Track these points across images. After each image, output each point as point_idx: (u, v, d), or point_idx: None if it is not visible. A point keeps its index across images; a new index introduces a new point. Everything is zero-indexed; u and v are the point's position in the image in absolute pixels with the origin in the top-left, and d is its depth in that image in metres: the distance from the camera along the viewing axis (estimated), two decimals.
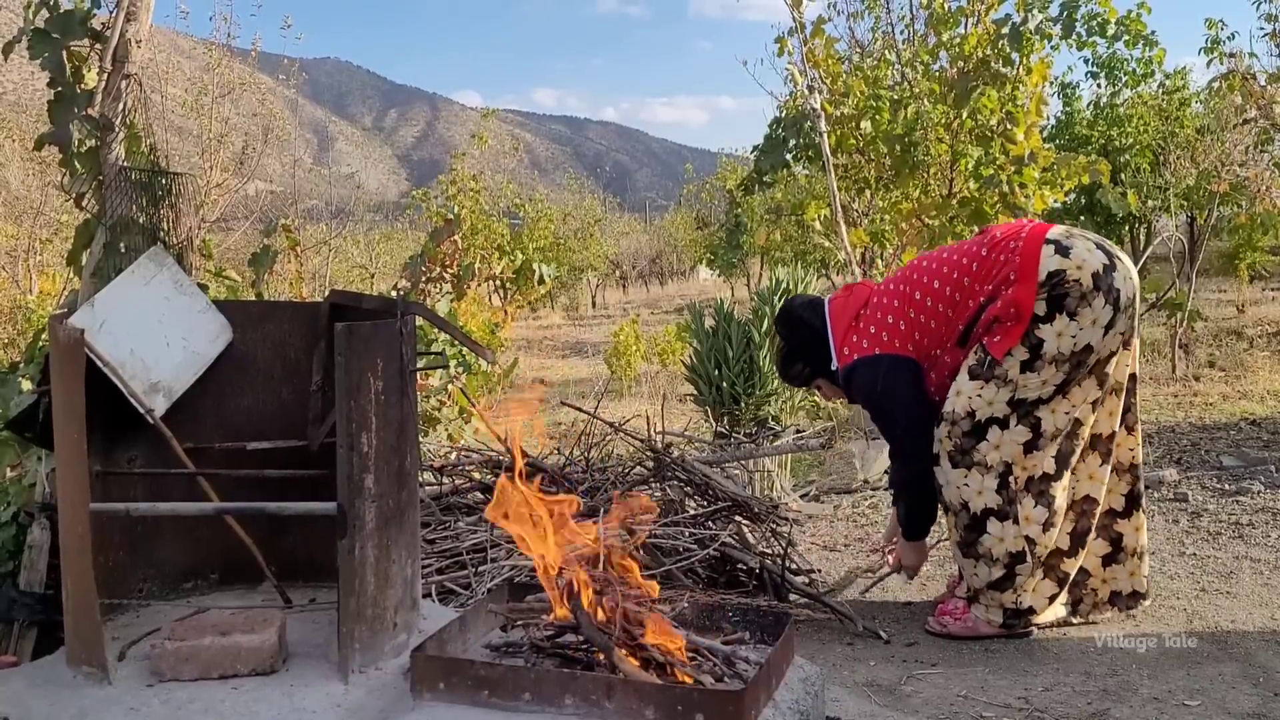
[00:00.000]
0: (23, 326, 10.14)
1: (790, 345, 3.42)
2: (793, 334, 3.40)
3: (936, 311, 3.10)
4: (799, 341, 3.38)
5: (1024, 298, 2.93)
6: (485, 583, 2.90)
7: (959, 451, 3.04)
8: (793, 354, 3.42)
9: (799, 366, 3.41)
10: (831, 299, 3.37)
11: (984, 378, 2.99)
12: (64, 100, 2.55)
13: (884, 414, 3.23)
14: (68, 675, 1.97)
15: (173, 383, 2.34)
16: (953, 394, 3.06)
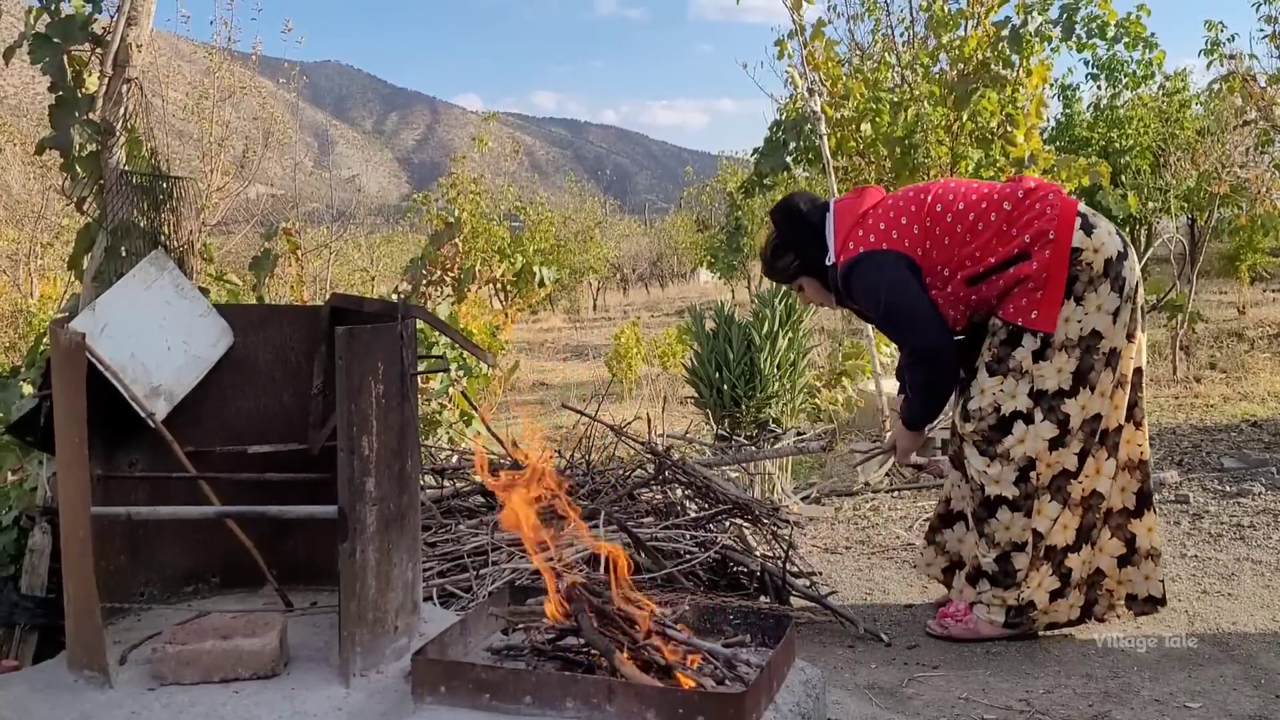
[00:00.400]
0: (24, 330, 10.15)
1: (783, 236, 3.22)
2: (789, 225, 3.21)
3: (954, 231, 3.00)
4: (793, 234, 3.19)
5: (1056, 271, 2.90)
6: (486, 586, 2.91)
7: (985, 441, 3.04)
8: (784, 246, 3.22)
9: (789, 259, 3.21)
10: (838, 200, 3.23)
11: (1002, 372, 2.98)
12: (65, 105, 2.55)
13: (894, 311, 3.06)
14: (69, 679, 1.97)
15: (174, 386, 2.34)
16: (975, 392, 3.04)
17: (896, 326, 3.13)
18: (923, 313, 3.02)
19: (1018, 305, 2.95)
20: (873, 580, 3.80)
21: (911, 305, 3.01)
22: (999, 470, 3.02)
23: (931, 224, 3.01)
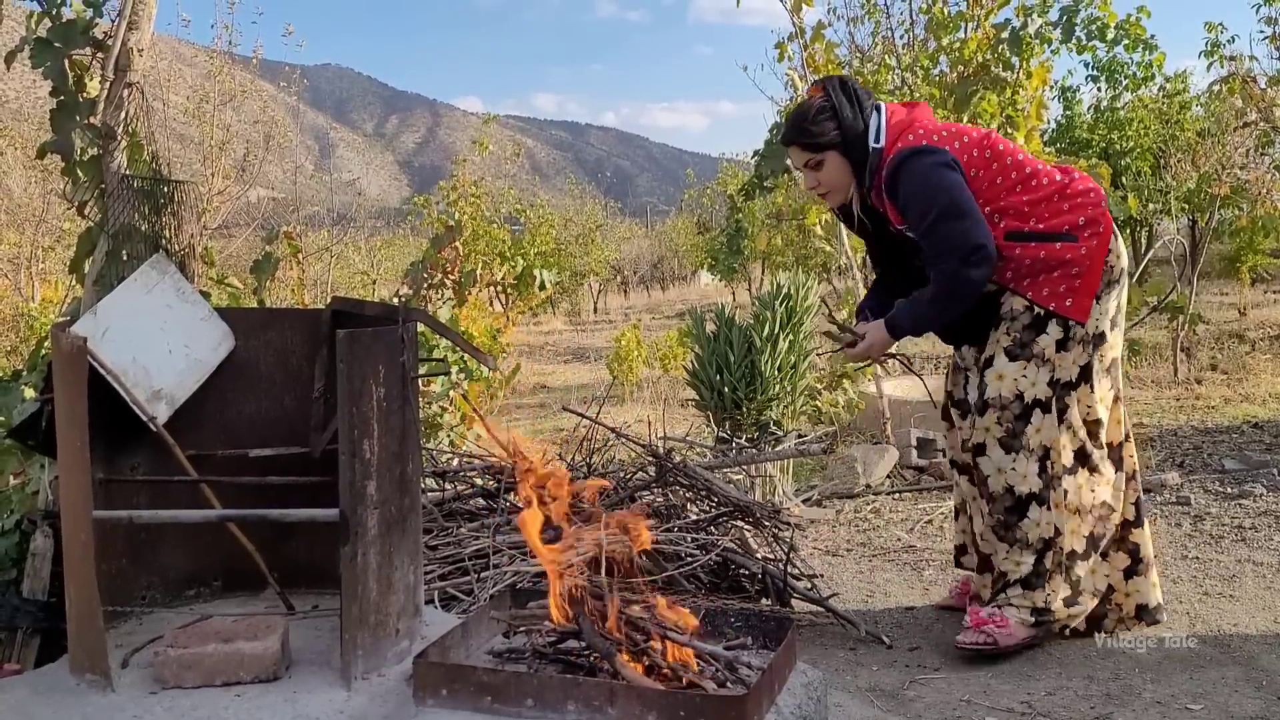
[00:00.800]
0: (25, 334, 10.16)
1: (833, 103, 2.94)
2: (842, 95, 2.96)
3: (1009, 174, 2.91)
4: (844, 104, 2.94)
5: (1097, 262, 2.85)
6: (488, 589, 2.91)
7: (1010, 436, 2.93)
8: (829, 111, 2.94)
9: (829, 126, 2.93)
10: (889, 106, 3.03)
11: (1025, 358, 2.89)
12: (66, 109, 2.56)
13: (950, 208, 2.82)
14: (71, 683, 1.97)
15: (175, 390, 2.35)
16: (991, 379, 2.94)
17: (953, 224, 2.81)
18: (977, 214, 2.83)
19: (1053, 289, 2.87)
20: (874, 582, 3.80)
21: (968, 202, 2.82)
22: (1025, 464, 2.92)
23: (990, 156, 2.91)
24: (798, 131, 2.99)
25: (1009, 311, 2.94)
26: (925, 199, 2.83)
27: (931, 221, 2.83)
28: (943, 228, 2.83)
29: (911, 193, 2.85)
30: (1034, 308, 2.89)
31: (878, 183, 2.93)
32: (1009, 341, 2.93)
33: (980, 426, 2.97)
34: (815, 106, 2.97)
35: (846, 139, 2.93)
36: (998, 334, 2.95)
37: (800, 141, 3.00)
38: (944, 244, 2.83)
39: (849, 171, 2.98)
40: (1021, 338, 2.91)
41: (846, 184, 3.01)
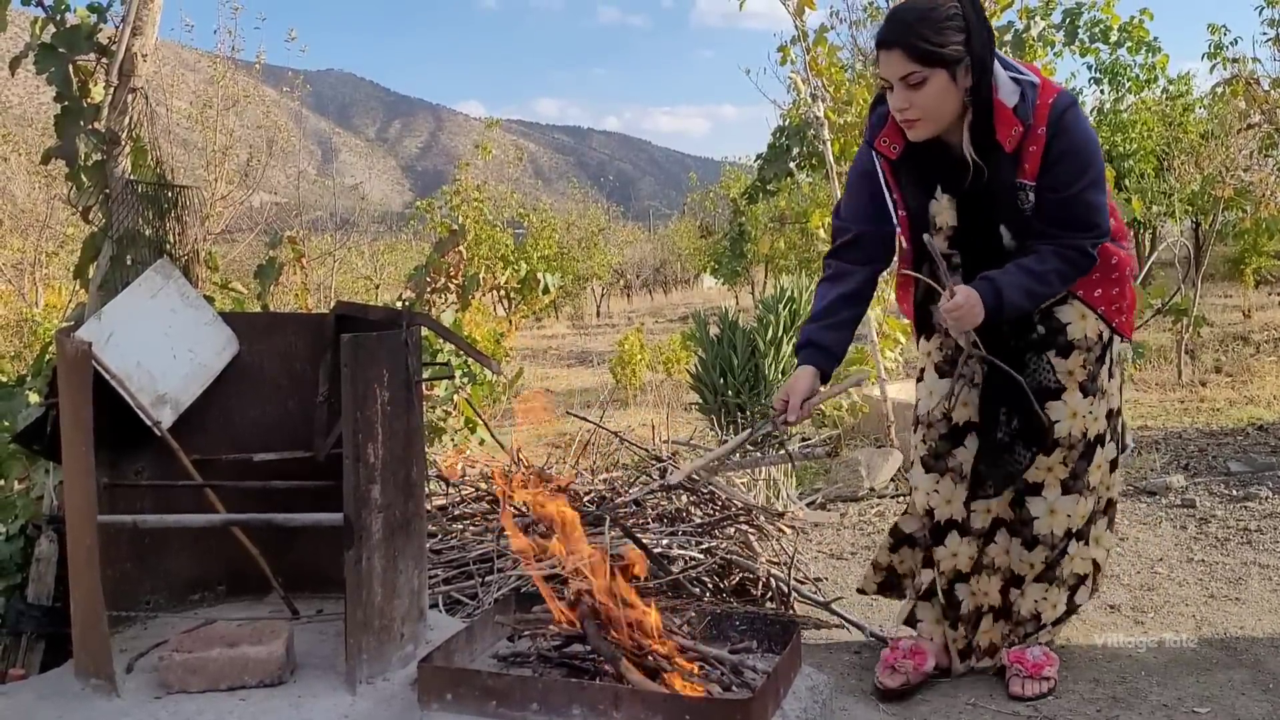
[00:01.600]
0: (29, 340, 10.17)
1: (966, 14, 2.30)
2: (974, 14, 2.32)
3: None
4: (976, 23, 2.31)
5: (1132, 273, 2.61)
6: (492, 593, 2.91)
7: (1072, 477, 2.61)
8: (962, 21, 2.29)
9: (959, 39, 2.28)
10: None
11: (1094, 393, 2.57)
12: (70, 114, 2.56)
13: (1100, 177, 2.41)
14: (76, 687, 1.97)
15: (180, 395, 2.35)
16: (1064, 416, 2.56)
17: (1099, 195, 2.41)
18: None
19: (1121, 304, 2.56)
20: None
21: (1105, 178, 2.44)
22: (1084, 506, 2.63)
23: None
24: (908, 31, 2.29)
25: (1083, 340, 2.55)
26: (1088, 156, 2.37)
27: (1085, 185, 2.36)
28: (1091, 195, 2.38)
29: (1078, 144, 2.35)
30: (1104, 332, 2.57)
31: (1034, 127, 2.33)
32: (1084, 375, 2.55)
33: (1042, 466, 2.60)
34: (945, 8, 2.29)
35: (974, 59, 2.29)
36: (1070, 364, 2.55)
37: (910, 44, 2.28)
38: (1085, 215, 2.38)
39: (956, 101, 2.33)
40: (1094, 370, 2.57)
41: (946, 116, 2.35)
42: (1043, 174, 2.37)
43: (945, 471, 2.69)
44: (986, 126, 2.35)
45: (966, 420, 2.67)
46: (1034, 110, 2.33)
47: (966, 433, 2.67)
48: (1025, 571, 2.69)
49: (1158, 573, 3.74)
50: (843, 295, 2.64)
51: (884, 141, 2.48)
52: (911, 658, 2.70)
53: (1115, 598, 3.48)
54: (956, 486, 2.68)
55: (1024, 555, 2.68)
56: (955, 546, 2.72)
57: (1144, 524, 4.41)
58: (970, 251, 2.52)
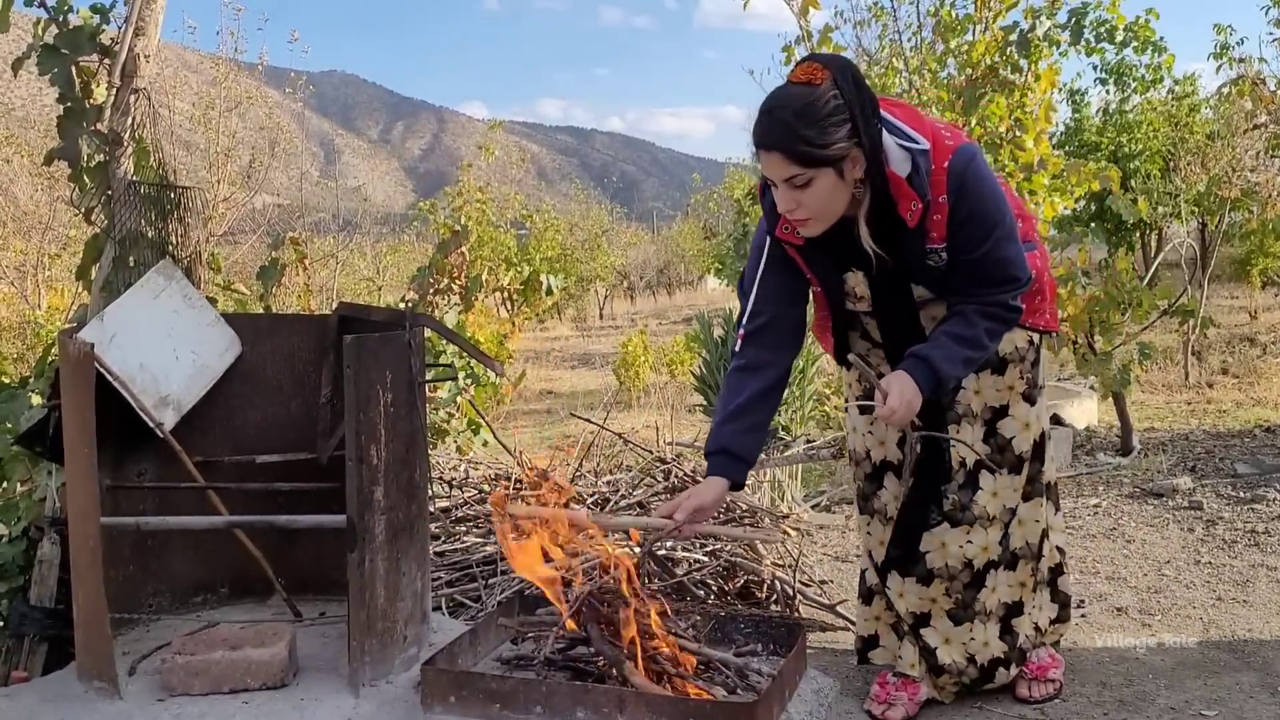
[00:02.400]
0: (31, 341, 10.18)
1: (847, 99, 2.07)
2: (853, 90, 2.09)
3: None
4: (860, 103, 2.09)
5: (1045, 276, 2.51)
6: (495, 595, 2.89)
7: (1029, 481, 2.53)
8: (844, 112, 2.06)
9: (844, 132, 2.06)
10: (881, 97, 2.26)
11: (1034, 398, 2.50)
12: (73, 115, 2.56)
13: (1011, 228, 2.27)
14: (78, 690, 1.97)
15: (182, 396, 2.34)
16: (1018, 431, 2.47)
17: (1011, 244, 2.27)
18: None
19: (1040, 306, 2.48)
20: None
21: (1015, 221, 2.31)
22: (1049, 507, 2.60)
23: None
24: (787, 133, 2.07)
25: (1014, 352, 2.47)
26: (995, 213, 2.23)
27: (994, 241, 2.23)
28: (1003, 250, 2.25)
29: (983, 204, 2.21)
30: (1031, 338, 2.50)
31: (935, 194, 2.19)
32: (1024, 385, 2.48)
33: (1012, 487, 2.49)
34: (825, 100, 2.06)
35: (866, 144, 2.10)
36: (1007, 379, 2.47)
37: (789, 149, 2.08)
38: (1000, 271, 2.27)
39: (846, 194, 2.15)
40: (1031, 376, 2.50)
41: (837, 211, 2.18)
42: (951, 238, 2.24)
43: (873, 514, 2.59)
44: (887, 203, 2.19)
45: (883, 459, 2.56)
46: (930, 180, 2.17)
47: (885, 472, 2.56)
48: (1019, 595, 2.56)
49: (1165, 575, 3.73)
50: (758, 392, 2.37)
51: (785, 229, 2.30)
52: (904, 690, 2.57)
53: (1122, 600, 3.46)
54: (885, 528, 2.56)
55: (1010, 578, 2.54)
56: (899, 587, 2.54)
57: (1151, 526, 4.39)
58: (885, 312, 2.42)
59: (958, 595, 2.51)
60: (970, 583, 2.50)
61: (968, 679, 2.56)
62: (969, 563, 2.49)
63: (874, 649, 2.69)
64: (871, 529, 2.59)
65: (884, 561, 2.54)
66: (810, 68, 2.10)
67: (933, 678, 2.56)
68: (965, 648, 2.54)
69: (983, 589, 2.51)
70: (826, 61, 2.12)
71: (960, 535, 2.48)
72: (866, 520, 2.61)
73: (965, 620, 2.52)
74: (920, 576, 2.50)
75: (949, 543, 2.48)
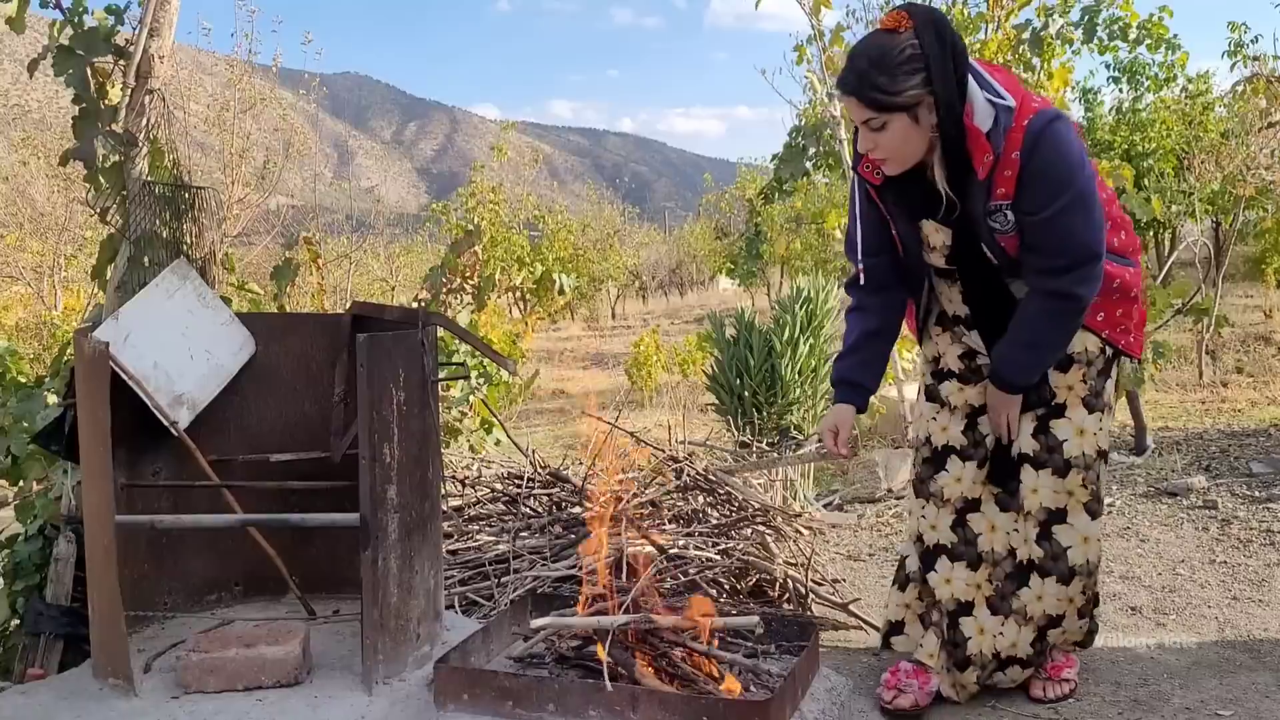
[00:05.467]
0: (48, 342, 10.25)
1: (925, 49, 2.15)
2: (934, 43, 2.16)
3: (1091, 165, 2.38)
4: (937, 54, 2.15)
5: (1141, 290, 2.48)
6: (508, 594, 2.90)
7: (1095, 499, 2.48)
8: (919, 61, 2.15)
9: (916, 81, 2.15)
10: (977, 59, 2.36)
11: (1100, 408, 2.46)
12: (88, 116, 2.57)
13: (1089, 195, 2.24)
14: (94, 687, 1.98)
15: (197, 395, 2.35)
16: (1071, 434, 2.45)
17: (1077, 218, 2.24)
18: (1102, 212, 2.28)
19: (1126, 324, 2.45)
20: None
21: (1096, 196, 2.26)
22: (1102, 525, 2.53)
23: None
24: (862, 80, 2.18)
25: (1082, 353, 2.44)
26: (1065, 176, 2.21)
27: (1062, 206, 2.22)
28: (1070, 217, 2.23)
29: (1054, 163, 2.21)
30: (1106, 348, 2.46)
31: (1008, 151, 2.22)
32: (1085, 390, 2.45)
33: (1060, 490, 2.47)
34: (901, 49, 2.15)
35: (936, 99, 2.17)
36: (1069, 378, 2.45)
37: (864, 94, 2.19)
38: (1063, 239, 2.25)
39: (921, 139, 2.24)
40: (1095, 385, 2.46)
41: (913, 154, 2.28)
42: (1019, 195, 2.25)
43: (929, 497, 2.60)
44: (960, 153, 2.25)
45: (945, 444, 2.58)
46: (1007, 135, 2.21)
47: (947, 456, 2.58)
48: (1064, 609, 2.52)
49: (1179, 574, 3.71)
50: (866, 332, 2.60)
51: (867, 168, 2.41)
52: (915, 678, 2.57)
53: (1137, 599, 3.44)
54: (941, 510, 2.58)
55: (1061, 592, 2.50)
56: (947, 573, 2.56)
57: (1165, 525, 4.37)
58: (965, 268, 2.46)
59: (998, 584, 2.53)
60: (1012, 573, 2.52)
61: (986, 671, 2.56)
62: (1012, 551, 2.52)
63: (897, 635, 2.69)
64: (926, 512, 2.60)
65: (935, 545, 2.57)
66: (897, 15, 2.19)
67: (955, 674, 2.56)
68: (995, 642, 2.53)
69: (1025, 589, 2.51)
70: (913, 11, 2.19)
71: (1009, 521, 2.52)
72: (922, 504, 2.61)
73: (1001, 613, 2.53)
74: (971, 560, 2.53)
75: (999, 526, 2.53)
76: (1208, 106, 12.79)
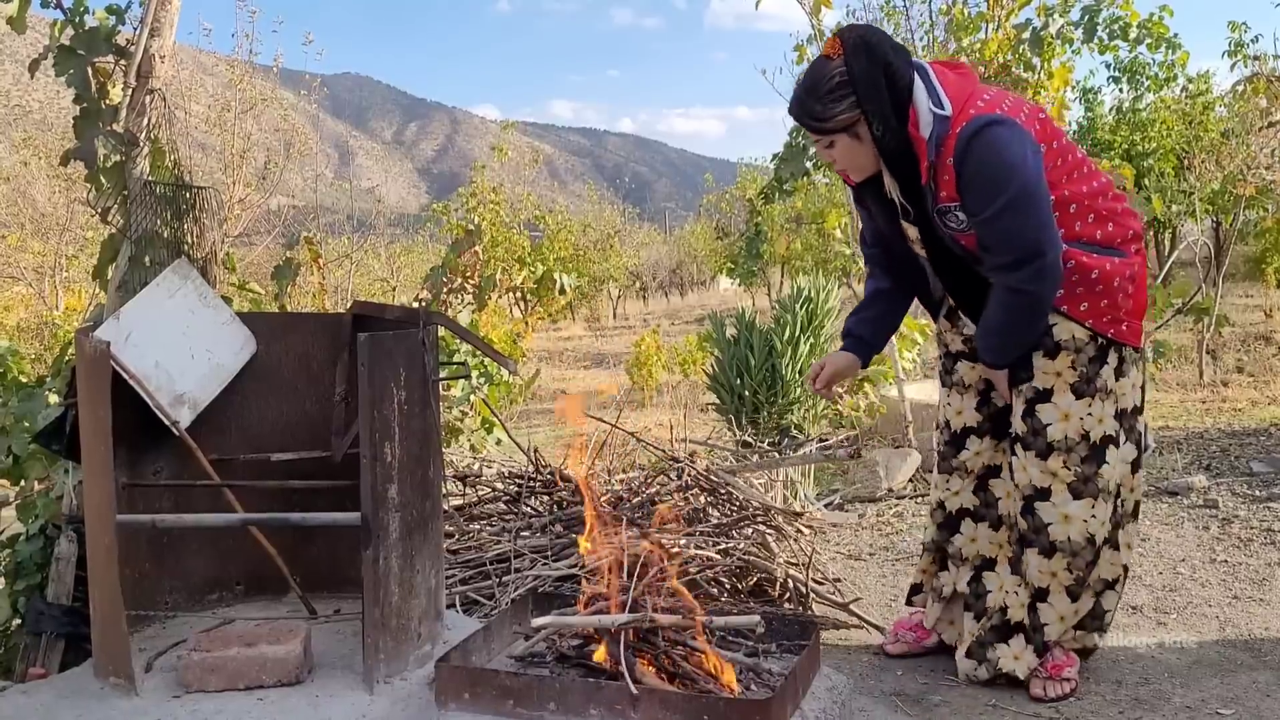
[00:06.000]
0: (49, 343, 10.25)
1: (851, 74, 2.33)
2: (863, 64, 2.32)
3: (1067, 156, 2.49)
4: (865, 75, 2.32)
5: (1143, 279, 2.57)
6: (509, 593, 2.90)
7: (1080, 481, 2.55)
8: (846, 86, 2.33)
9: (844, 105, 2.34)
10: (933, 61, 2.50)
11: (1090, 394, 2.53)
12: (89, 116, 2.57)
13: (1025, 197, 2.32)
14: (95, 687, 1.98)
15: (198, 394, 2.35)
16: (1055, 419, 2.55)
17: (1017, 217, 2.33)
18: (1049, 210, 2.36)
19: (1114, 314, 2.52)
20: (897, 587, 3.77)
21: (1042, 195, 2.34)
22: (1104, 509, 2.57)
23: (1050, 133, 2.46)
24: (799, 107, 2.42)
25: (1070, 341, 2.53)
26: (999, 179, 2.32)
27: (999, 208, 2.33)
28: (1008, 219, 2.34)
29: (983, 168, 2.32)
30: (1098, 338, 2.53)
31: (942, 158, 2.36)
32: (1075, 377, 2.54)
33: (1045, 470, 2.58)
34: (830, 77, 2.35)
35: (870, 119, 2.35)
36: (1057, 365, 2.55)
37: (803, 120, 2.44)
38: (1004, 239, 2.37)
39: (869, 152, 2.43)
40: (1087, 372, 2.54)
41: (868, 165, 2.48)
42: (962, 199, 2.40)
43: (952, 471, 2.84)
44: (907, 161, 2.42)
45: (963, 426, 2.82)
46: (942, 142, 2.35)
47: (966, 436, 2.81)
48: (1048, 582, 2.61)
49: (1180, 573, 3.71)
50: (878, 290, 2.87)
51: (844, 172, 2.62)
52: (914, 630, 2.96)
53: (1137, 598, 3.44)
54: (965, 480, 2.82)
55: (1044, 565, 2.60)
56: (971, 532, 2.82)
57: (1166, 524, 4.37)
58: (939, 260, 2.65)
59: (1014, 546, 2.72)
60: (944, 523, 2.86)
61: (987, 628, 2.74)
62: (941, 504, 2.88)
63: (918, 594, 3.04)
64: (951, 483, 2.84)
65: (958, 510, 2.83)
66: (832, 41, 2.40)
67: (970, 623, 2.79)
68: (1004, 599, 2.71)
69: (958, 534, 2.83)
70: (845, 37, 2.38)
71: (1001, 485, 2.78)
72: (945, 478, 2.86)
73: (1018, 574, 2.70)
74: (992, 521, 2.79)
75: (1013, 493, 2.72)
76: (1208, 106, 12.80)
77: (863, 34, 2.40)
